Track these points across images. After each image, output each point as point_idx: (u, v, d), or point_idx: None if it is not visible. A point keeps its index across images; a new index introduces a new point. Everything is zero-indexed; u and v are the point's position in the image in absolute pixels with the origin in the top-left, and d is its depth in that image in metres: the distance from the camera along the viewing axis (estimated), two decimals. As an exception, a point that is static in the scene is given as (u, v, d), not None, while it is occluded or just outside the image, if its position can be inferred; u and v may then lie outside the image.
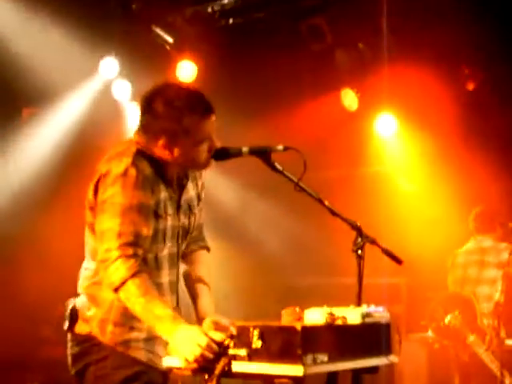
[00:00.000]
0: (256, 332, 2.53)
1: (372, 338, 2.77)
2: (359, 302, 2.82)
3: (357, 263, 2.86)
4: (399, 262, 2.97)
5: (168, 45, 7.09)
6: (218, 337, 2.55)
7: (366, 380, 2.83)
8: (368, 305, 2.82)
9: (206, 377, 2.54)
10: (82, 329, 2.82)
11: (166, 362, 2.81)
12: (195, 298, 2.99)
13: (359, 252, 2.86)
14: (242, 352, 2.54)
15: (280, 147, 2.90)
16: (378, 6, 6.23)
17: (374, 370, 2.80)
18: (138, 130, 2.85)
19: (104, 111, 7.07)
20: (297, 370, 2.43)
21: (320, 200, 2.91)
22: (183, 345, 2.52)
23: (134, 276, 2.59)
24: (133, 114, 7.03)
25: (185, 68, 7.07)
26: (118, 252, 2.61)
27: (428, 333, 5.98)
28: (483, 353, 5.60)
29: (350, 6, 6.51)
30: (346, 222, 2.91)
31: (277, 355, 2.48)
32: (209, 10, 6.81)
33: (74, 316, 2.84)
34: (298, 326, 2.50)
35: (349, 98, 7.35)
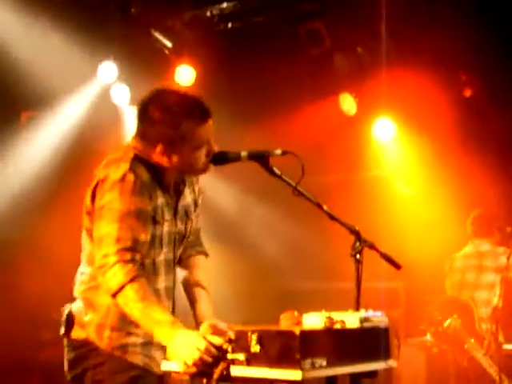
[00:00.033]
0: (254, 336, 2.53)
1: (371, 342, 2.77)
2: (358, 307, 2.82)
3: (355, 268, 2.86)
4: (398, 266, 2.97)
5: (167, 49, 7.09)
6: (216, 341, 2.55)
7: (365, 384, 2.83)
8: (366, 309, 2.82)
9: (205, 381, 2.54)
10: (78, 334, 2.82)
11: (165, 366, 2.81)
12: (193, 303, 2.99)
13: (358, 256, 2.86)
14: (241, 356, 2.54)
15: (278, 151, 2.89)
16: (376, 11, 6.22)
17: (372, 374, 2.79)
18: (136, 136, 2.85)
19: (103, 115, 7.07)
20: (295, 375, 2.43)
21: (318, 204, 2.91)
22: (182, 349, 2.52)
23: (132, 281, 2.59)
24: (131, 118, 7.03)
25: (183, 72, 7.07)
26: (116, 257, 2.61)
27: (426, 337, 5.99)
28: (482, 357, 5.60)
29: (349, 11, 6.51)
30: (345, 226, 2.90)
31: (275, 360, 2.48)
32: (208, 14, 6.81)
33: (70, 321, 2.84)
34: (297, 330, 2.49)
35: (347, 103, 7.36)
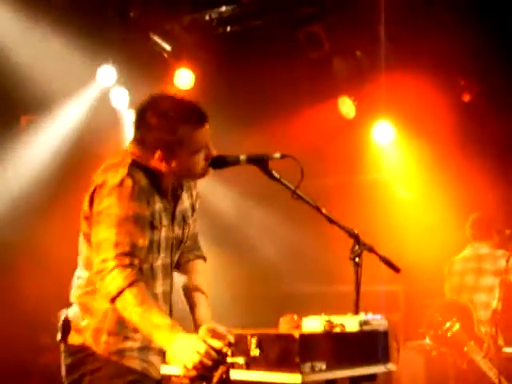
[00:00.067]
0: (254, 340, 2.53)
1: (370, 345, 2.77)
2: (357, 310, 2.82)
3: (354, 271, 2.86)
4: (397, 270, 2.97)
5: (166, 53, 7.09)
6: (216, 344, 2.55)
7: (364, 388, 2.83)
8: (366, 312, 2.82)
9: (204, 385, 2.54)
10: (75, 339, 2.81)
11: (164, 370, 2.81)
12: (193, 307, 2.98)
13: (357, 260, 2.86)
14: (240, 360, 2.54)
15: (277, 155, 2.90)
16: (375, 14, 6.24)
17: (372, 377, 2.80)
18: (133, 142, 2.85)
19: (102, 119, 7.07)
20: (295, 378, 2.43)
21: (317, 208, 2.92)
22: (182, 352, 2.51)
23: (130, 285, 2.59)
24: (130, 121, 7.02)
25: (182, 76, 7.07)
26: (115, 262, 2.61)
27: (426, 340, 5.99)
28: (481, 360, 5.60)
29: (348, 14, 6.51)
30: (344, 229, 2.91)
31: (275, 363, 2.48)
32: (206, 17, 6.81)
33: (67, 327, 2.83)
34: (296, 333, 2.50)
35: (346, 106, 7.36)
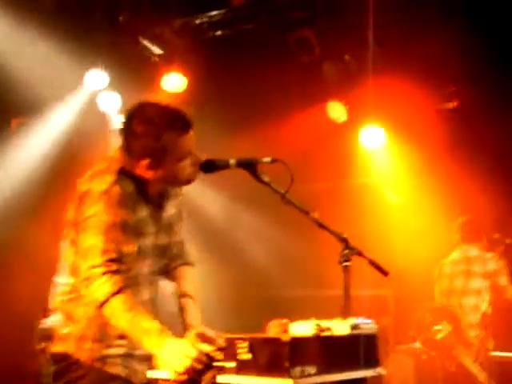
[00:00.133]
0: (244, 344, 2.52)
1: (360, 349, 2.77)
2: (346, 314, 2.82)
3: (343, 275, 2.86)
4: (385, 273, 2.97)
5: (156, 56, 7.08)
6: (206, 348, 2.55)
7: (354, 392, 2.82)
8: (356, 317, 2.82)
9: (194, 389, 2.53)
10: (57, 348, 2.81)
11: (153, 374, 2.80)
12: (182, 313, 2.99)
13: (346, 264, 2.86)
14: (230, 364, 2.53)
15: (267, 159, 2.90)
16: (364, 19, 6.26)
17: (361, 381, 2.80)
18: (120, 149, 2.85)
19: (90, 123, 7.05)
20: (285, 383, 2.43)
21: (307, 212, 2.92)
22: (172, 357, 2.52)
23: (118, 292, 2.59)
24: (118, 127, 7.01)
25: (173, 80, 7.06)
26: (103, 268, 2.62)
27: (416, 344, 6.00)
28: (471, 364, 5.61)
29: (339, 19, 6.54)
30: (333, 233, 2.90)
31: (265, 368, 2.47)
32: (197, 21, 6.80)
33: (49, 335, 2.83)
34: (286, 337, 2.49)
35: (336, 110, 7.38)
